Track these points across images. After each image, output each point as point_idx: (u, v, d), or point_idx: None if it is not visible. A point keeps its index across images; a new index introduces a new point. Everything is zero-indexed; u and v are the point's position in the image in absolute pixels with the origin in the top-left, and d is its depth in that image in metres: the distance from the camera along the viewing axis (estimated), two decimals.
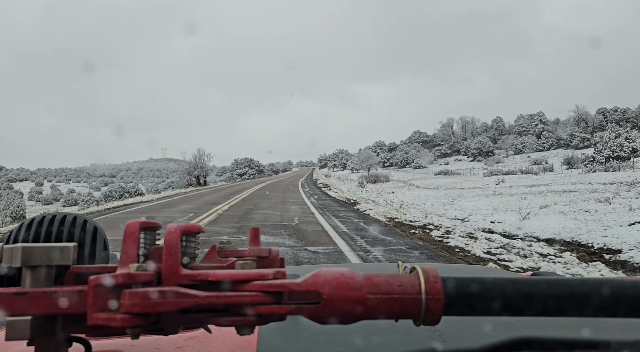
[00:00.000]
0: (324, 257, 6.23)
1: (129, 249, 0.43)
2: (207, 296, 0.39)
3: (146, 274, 0.41)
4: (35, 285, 0.41)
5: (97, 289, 0.39)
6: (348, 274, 0.40)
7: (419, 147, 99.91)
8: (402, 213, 12.50)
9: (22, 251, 0.40)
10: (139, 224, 0.45)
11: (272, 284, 0.41)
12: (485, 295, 0.40)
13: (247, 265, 0.43)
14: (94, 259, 0.57)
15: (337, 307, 0.39)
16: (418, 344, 0.63)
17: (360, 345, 0.63)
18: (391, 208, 14.25)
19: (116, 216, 13.75)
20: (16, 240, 0.55)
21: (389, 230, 9.03)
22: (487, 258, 6.04)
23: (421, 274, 0.41)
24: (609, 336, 0.46)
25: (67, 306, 0.40)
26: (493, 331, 0.66)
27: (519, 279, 0.42)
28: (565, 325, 0.68)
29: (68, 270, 0.44)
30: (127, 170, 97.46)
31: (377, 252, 6.53)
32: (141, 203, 21.01)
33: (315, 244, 7.28)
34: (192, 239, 0.46)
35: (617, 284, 0.41)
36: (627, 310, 0.41)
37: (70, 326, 0.43)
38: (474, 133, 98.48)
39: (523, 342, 0.49)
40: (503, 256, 6.15)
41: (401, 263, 0.46)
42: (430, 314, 0.40)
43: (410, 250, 6.71)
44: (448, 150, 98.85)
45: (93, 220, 0.61)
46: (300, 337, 0.66)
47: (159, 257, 0.44)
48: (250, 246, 0.48)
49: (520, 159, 69.59)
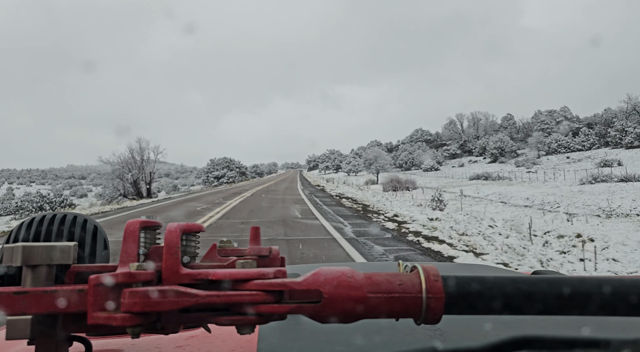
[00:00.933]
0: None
1: (129, 248, 0.43)
2: (207, 295, 0.39)
3: (146, 273, 0.41)
4: (35, 284, 0.41)
5: (97, 288, 0.39)
6: (349, 273, 0.40)
7: (424, 146, 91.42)
8: None
9: (22, 250, 0.40)
10: (139, 223, 0.45)
11: (272, 283, 0.40)
12: (485, 294, 0.40)
13: (247, 264, 0.43)
14: (95, 258, 0.57)
15: (337, 306, 0.39)
16: (419, 343, 0.63)
17: (361, 344, 0.63)
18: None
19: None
20: (16, 239, 0.55)
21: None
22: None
23: (422, 273, 0.41)
24: (610, 334, 0.46)
25: (68, 305, 0.40)
26: (494, 329, 0.66)
27: (520, 278, 0.42)
28: (566, 324, 0.68)
29: (68, 269, 0.44)
30: (97, 174, 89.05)
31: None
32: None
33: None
34: (193, 238, 0.46)
35: (618, 282, 0.41)
36: (628, 309, 0.41)
37: (70, 325, 0.43)
38: (487, 131, 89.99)
39: (524, 341, 0.49)
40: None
41: (401, 262, 0.46)
42: (431, 313, 0.40)
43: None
44: (458, 150, 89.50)
45: (93, 219, 0.61)
46: (300, 337, 0.66)
47: (160, 257, 0.44)
48: (250, 244, 0.48)
49: (557, 159, 61.68)
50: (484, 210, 14.64)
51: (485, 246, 7.43)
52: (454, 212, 13.17)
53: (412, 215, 11.82)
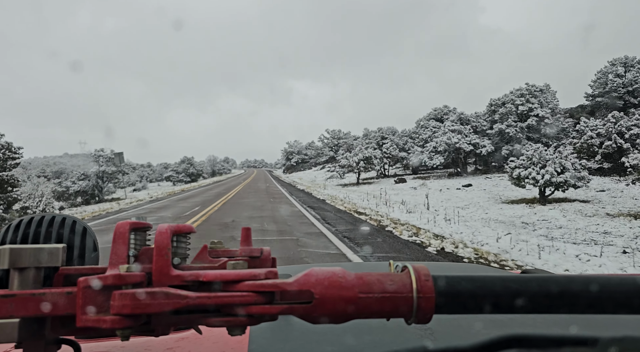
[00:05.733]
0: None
1: (118, 250, 0.43)
2: (198, 296, 0.39)
3: (136, 275, 0.40)
4: (23, 287, 0.40)
5: (86, 290, 0.39)
6: (340, 274, 0.40)
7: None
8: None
9: (9, 253, 0.40)
10: (129, 225, 0.44)
11: (263, 284, 0.40)
12: (476, 293, 0.41)
13: (238, 265, 0.43)
14: (84, 261, 0.57)
15: (328, 307, 0.39)
16: (409, 342, 0.63)
17: (351, 344, 0.63)
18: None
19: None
20: (4, 241, 0.54)
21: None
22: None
23: (412, 272, 0.41)
24: (598, 332, 0.47)
25: (56, 307, 0.39)
26: (484, 328, 0.67)
27: (509, 277, 0.42)
28: (555, 322, 0.69)
29: (57, 271, 0.44)
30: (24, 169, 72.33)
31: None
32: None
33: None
34: (183, 239, 0.46)
35: (605, 281, 0.42)
36: (615, 307, 0.41)
37: (59, 327, 0.42)
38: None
39: (513, 339, 0.50)
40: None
41: (392, 262, 0.46)
42: (422, 313, 0.40)
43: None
44: None
45: (82, 221, 0.61)
46: (291, 337, 0.66)
47: (150, 258, 0.43)
48: (241, 246, 0.48)
49: None
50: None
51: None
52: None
53: None
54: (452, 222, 10.43)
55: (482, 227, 9.80)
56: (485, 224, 10.61)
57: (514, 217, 12.45)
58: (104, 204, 25.38)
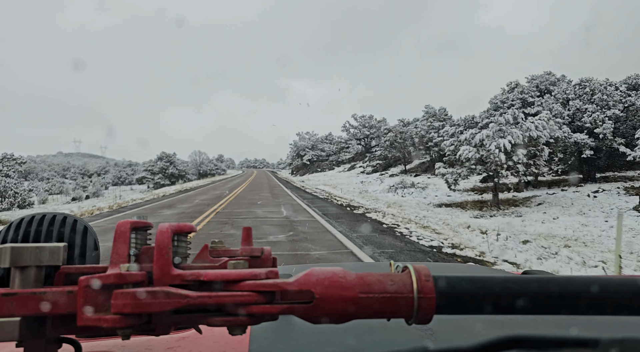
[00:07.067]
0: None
1: (119, 249, 0.43)
2: (199, 296, 0.39)
3: (137, 274, 0.40)
4: (24, 286, 0.40)
5: (87, 289, 0.39)
6: (340, 274, 0.40)
7: None
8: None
9: (10, 251, 0.40)
10: (130, 224, 0.44)
11: (264, 283, 0.40)
12: (476, 294, 0.41)
13: (239, 265, 0.43)
14: (85, 259, 0.57)
15: (329, 307, 0.39)
16: (410, 343, 0.63)
17: (352, 344, 0.63)
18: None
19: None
20: (5, 240, 0.55)
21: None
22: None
23: (413, 273, 0.41)
24: (598, 333, 0.47)
25: (57, 306, 0.39)
26: (484, 329, 0.66)
27: (510, 278, 0.42)
28: (556, 323, 0.69)
29: (58, 270, 0.44)
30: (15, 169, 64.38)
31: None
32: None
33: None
34: (184, 238, 0.46)
35: (606, 282, 0.42)
36: (616, 308, 0.41)
37: (60, 326, 0.42)
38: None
39: (514, 340, 0.50)
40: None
41: (393, 262, 0.46)
42: (422, 313, 0.40)
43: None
44: None
45: (83, 220, 0.61)
46: (292, 337, 0.66)
47: (151, 257, 0.43)
48: (242, 245, 0.48)
49: None
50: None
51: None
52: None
53: None
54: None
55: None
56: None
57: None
58: None
